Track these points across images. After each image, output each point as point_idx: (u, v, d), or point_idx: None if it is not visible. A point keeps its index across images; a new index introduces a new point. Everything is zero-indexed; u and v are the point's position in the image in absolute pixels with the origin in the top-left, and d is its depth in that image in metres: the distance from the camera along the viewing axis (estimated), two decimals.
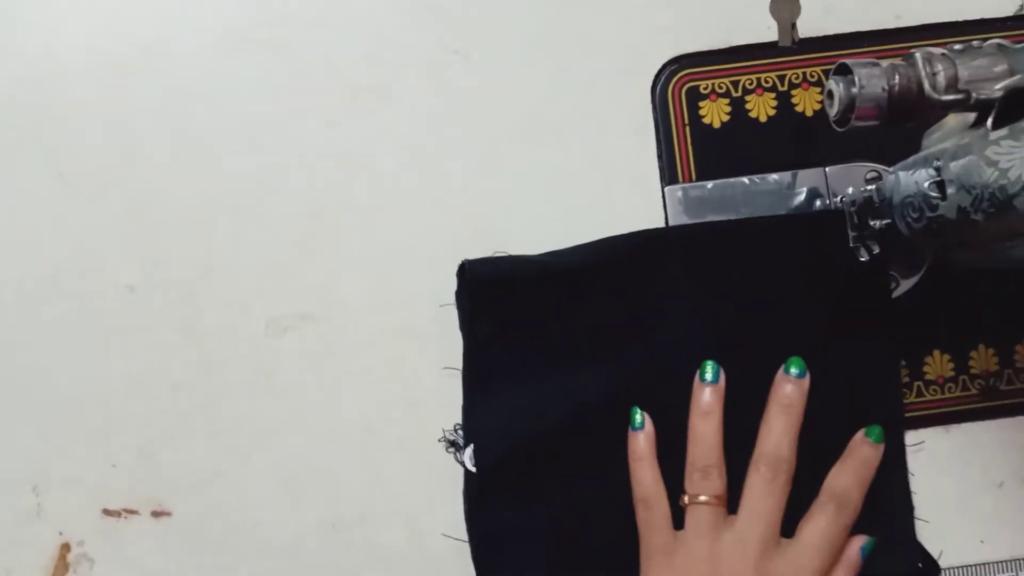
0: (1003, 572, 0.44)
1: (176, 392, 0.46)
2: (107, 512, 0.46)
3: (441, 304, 0.46)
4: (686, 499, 0.42)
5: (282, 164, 0.47)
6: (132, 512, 0.46)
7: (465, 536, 0.45)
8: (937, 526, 0.44)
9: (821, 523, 0.41)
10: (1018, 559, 0.45)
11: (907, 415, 0.45)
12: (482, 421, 0.45)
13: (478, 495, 0.44)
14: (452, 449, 0.45)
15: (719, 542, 0.40)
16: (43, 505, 0.46)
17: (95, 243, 0.47)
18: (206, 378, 0.46)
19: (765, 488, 0.41)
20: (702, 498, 0.41)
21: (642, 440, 0.43)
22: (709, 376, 0.43)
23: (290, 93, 0.48)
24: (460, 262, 0.46)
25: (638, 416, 0.43)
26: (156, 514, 0.46)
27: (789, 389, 0.43)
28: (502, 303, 0.45)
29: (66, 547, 0.46)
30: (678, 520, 0.42)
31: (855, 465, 0.42)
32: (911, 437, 0.45)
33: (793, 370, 0.43)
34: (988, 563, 0.45)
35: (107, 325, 0.47)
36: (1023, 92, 0.33)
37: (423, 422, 0.46)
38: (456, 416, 0.45)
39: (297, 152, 0.47)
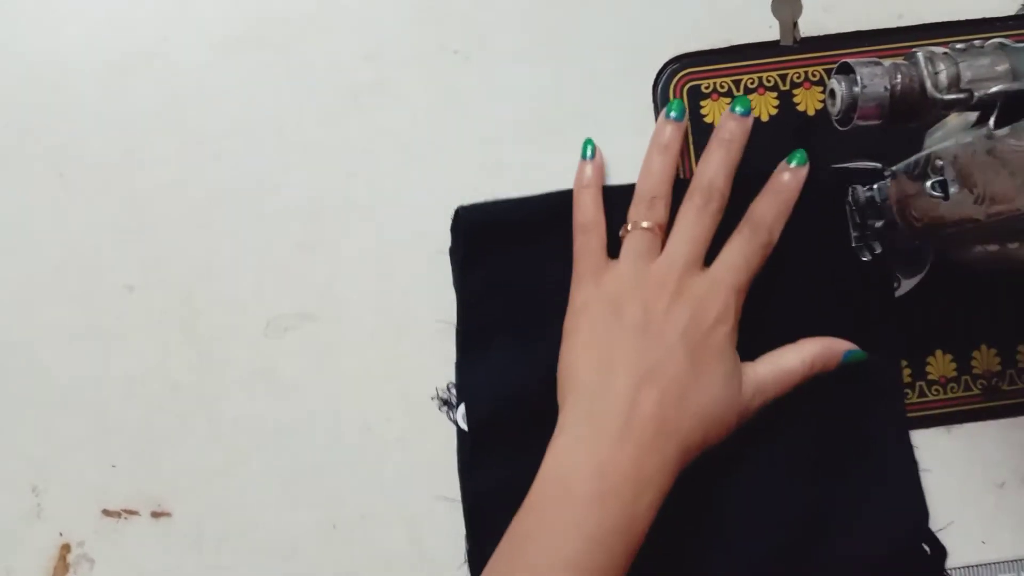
0: (1005, 572, 0.44)
1: (176, 392, 0.46)
2: (107, 512, 0.46)
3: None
4: (629, 226, 0.43)
5: (282, 164, 0.47)
6: (132, 512, 0.46)
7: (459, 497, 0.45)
8: (938, 526, 0.44)
9: (738, 244, 0.42)
10: (1020, 559, 0.45)
11: (909, 415, 0.45)
12: (475, 379, 0.45)
13: (470, 454, 0.44)
14: (445, 408, 0.45)
15: (649, 264, 0.41)
16: (43, 505, 0.46)
17: (95, 243, 0.47)
18: (206, 378, 0.46)
19: (696, 214, 0.42)
20: (644, 224, 0.42)
21: (589, 169, 0.45)
22: (674, 114, 0.44)
23: (290, 93, 0.47)
24: (455, 208, 0.46)
25: (589, 148, 0.45)
26: (156, 514, 0.46)
27: (732, 126, 0.44)
28: (495, 252, 0.45)
29: (66, 548, 0.46)
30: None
31: (772, 190, 0.43)
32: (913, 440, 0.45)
33: (738, 108, 0.44)
34: (990, 563, 0.44)
35: (107, 325, 0.46)
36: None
37: (423, 422, 0.46)
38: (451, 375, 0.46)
39: (297, 152, 0.47)
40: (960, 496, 0.45)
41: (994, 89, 0.34)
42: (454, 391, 0.45)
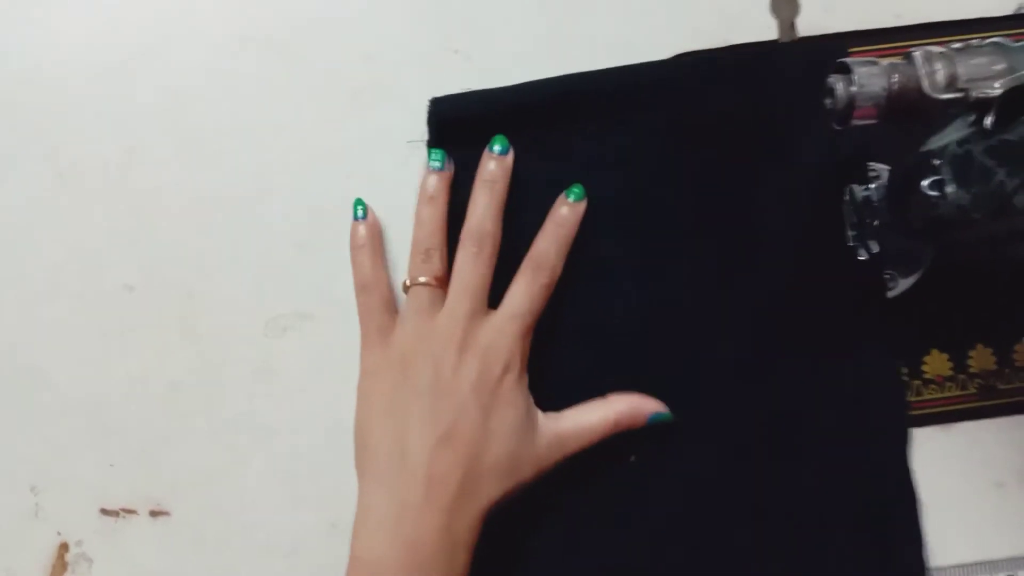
0: (1002, 571, 0.44)
1: (175, 392, 0.46)
2: (105, 512, 0.46)
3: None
4: (407, 282, 0.43)
5: (282, 164, 0.47)
6: (130, 512, 0.46)
7: None
8: (936, 525, 0.44)
9: (519, 287, 0.42)
10: (1017, 558, 0.45)
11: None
12: None
13: None
14: None
15: (433, 319, 0.42)
16: (41, 505, 0.46)
17: (95, 243, 0.47)
18: (205, 378, 0.46)
19: (471, 262, 0.42)
20: (421, 279, 0.43)
21: (361, 229, 0.45)
22: (436, 163, 0.45)
23: (290, 93, 0.48)
24: (429, 100, 0.46)
25: (360, 208, 0.45)
26: (154, 514, 0.46)
27: (492, 166, 0.44)
28: (478, 147, 0.45)
29: (64, 547, 0.46)
30: None
31: (552, 227, 0.44)
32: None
33: (496, 147, 0.44)
34: (987, 562, 0.45)
35: (107, 325, 0.47)
36: (1021, 90, 0.33)
37: None
38: None
39: (297, 152, 0.47)
40: (957, 495, 0.45)
41: (991, 88, 0.34)
42: None
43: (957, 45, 0.35)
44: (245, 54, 0.48)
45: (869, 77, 0.35)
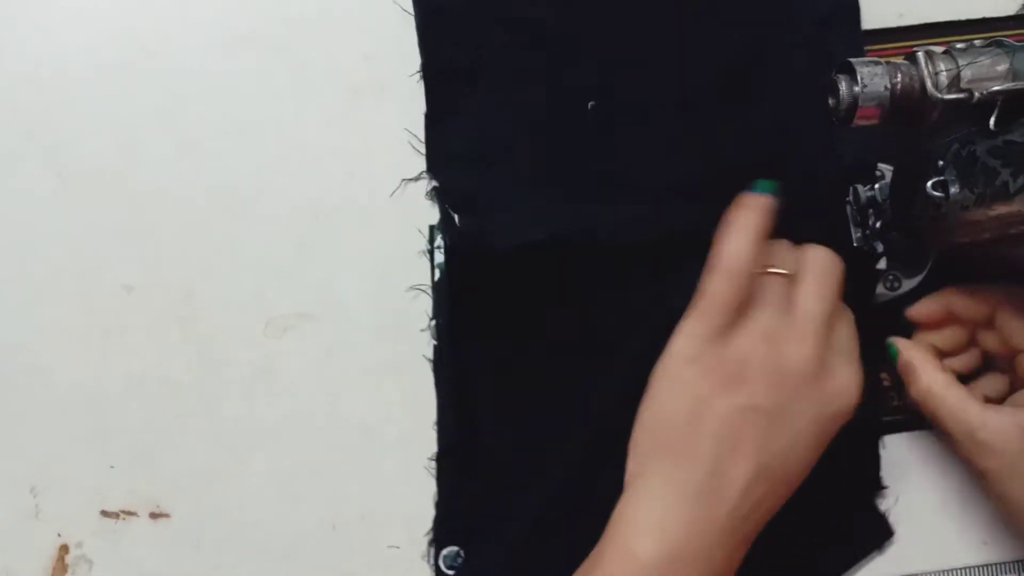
0: (1006, 573, 0.44)
1: (175, 392, 0.46)
2: (105, 513, 0.46)
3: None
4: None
5: (282, 164, 0.47)
6: (131, 513, 0.46)
7: None
8: (939, 527, 0.44)
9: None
10: (1021, 560, 0.44)
11: (908, 415, 0.45)
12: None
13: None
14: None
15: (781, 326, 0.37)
16: (41, 506, 0.46)
17: (95, 243, 0.47)
18: (205, 378, 0.46)
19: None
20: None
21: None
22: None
23: (290, 93, 0.48)
24: None
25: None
26: (155, 515, 0.45)
27: None
28: None
29: (64, 548, 0.45)
30: None
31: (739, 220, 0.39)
32: (909, 438, 0.45)
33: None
34: (990, 564, 0.44)
35: (106, 325, 0.46)
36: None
37: (423, 422, 0.46)
38: None
39: (297, 152, 0.47)
40: (960, 497, 0.45)
41: (994, 88, 0.34)
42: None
43: (960, 45, 0.35)
44: (245, 54, 0.48)
45: (872, 77, 0.35)
